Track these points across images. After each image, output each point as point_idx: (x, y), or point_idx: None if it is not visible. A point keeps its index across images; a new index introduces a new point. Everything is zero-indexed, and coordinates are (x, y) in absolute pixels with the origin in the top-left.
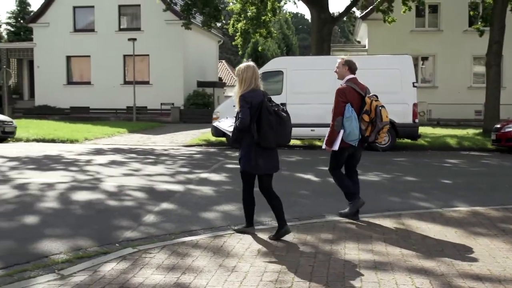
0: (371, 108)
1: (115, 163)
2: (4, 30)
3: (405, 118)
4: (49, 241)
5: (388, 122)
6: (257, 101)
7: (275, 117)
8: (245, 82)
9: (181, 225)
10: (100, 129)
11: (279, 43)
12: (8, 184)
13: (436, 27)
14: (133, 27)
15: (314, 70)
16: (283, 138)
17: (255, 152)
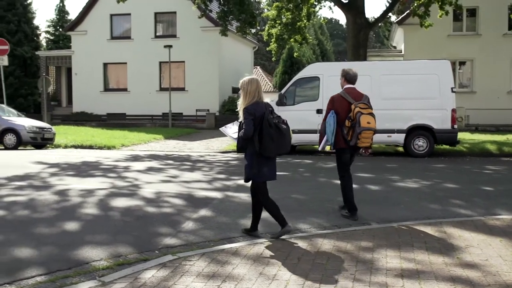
0: (353, 114)
1: (152, 170)
2: (43, 38)
3: (443, 124)
4: (89, 247)
5: (368, 128)
6: (260, 113)
7: (275, 129)
8: (249, 95)
9: (220, 232)
10: (137, 135)
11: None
12: (49, 190)
13: (474, 31)
14: (169, 34)
15: None
16: (283, 148)
17: (258, 161)
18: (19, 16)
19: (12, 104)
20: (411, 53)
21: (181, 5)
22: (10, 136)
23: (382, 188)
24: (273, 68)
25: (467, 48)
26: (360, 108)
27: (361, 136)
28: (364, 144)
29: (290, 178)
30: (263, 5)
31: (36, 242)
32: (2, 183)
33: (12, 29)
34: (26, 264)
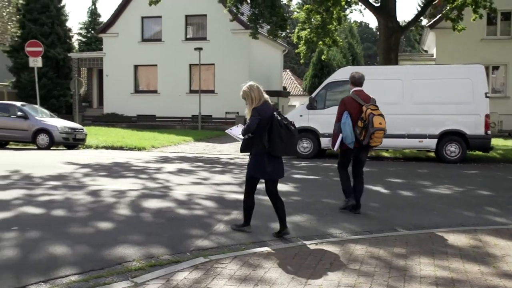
0: (365, 115)
1: (183, 172)
2: (76, 40)
3: (476, 130)
4: (122, 248)
5: (380, 128)
6: (269, 114)
7: (285, 130)
8: (255, 100)
9: (252, 235)
10: (167, 137)
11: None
12: (82, 190)
13: (509, 35)
14: (199, 36)
15: (381, 80)
16: (291, 149)
17: (266, 159)
18: (52, 18)
19: (44, 105)
20: (443, 58)
21: (211, 8)
22: (43, 136)
23: (414, 194)
24: (302, 71)
25: (501, 53)
26: (372, 110)
27: (374, 136)
28: (375, 143)
29: (321, 182)
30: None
31: (70, 241)
32: (37, 183)
33: (45, 31)
34: (61, 263)
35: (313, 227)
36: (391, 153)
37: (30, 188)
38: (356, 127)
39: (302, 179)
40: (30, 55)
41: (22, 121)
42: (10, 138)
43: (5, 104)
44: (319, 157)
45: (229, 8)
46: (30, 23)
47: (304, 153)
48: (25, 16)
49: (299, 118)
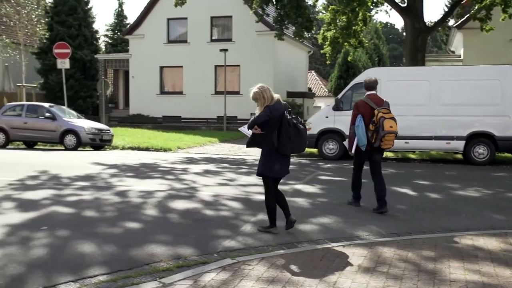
0: (376, 118)
1: (209, 173)
2: (102, 42)
3: (505, 131)
4: (149, 248)
5: (391, 131)
6: (280, 112)
7: (293, 129)
8: (268, 99)
9: (278, 236)
10: (192, 138)
11: (371, 53)
12: (110, 190)
13: None
14: (224, 38)
15: (408, 81)
16: (299, 147)
17: (274, 157)
18: (79, 20)
19: (71, 106)
20: (470, 58)
21: (237, 9)
22: (70, 137)
23: (442, 197)
24: (327, 73)
25: None
26: (383, 113)
27: (384, 139)
28: (386, 146)
29: (347, 184)
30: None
31: (99, 241)
32: (65, 183)
33: (73, 33)
34: (89, 263)
35: (340, 229)
36: (417, 155)
37: (59, 188)
38: (368, 130)
39: (328, 181)
40: (58, 57)
41: (50, 122)
42: (38, 139)
43: (33, 105)
44: (345, 158)
45: (255, 9)
46: (58, 25)
47: (330, 154)
48: (53, 19)
49: (325, 119)
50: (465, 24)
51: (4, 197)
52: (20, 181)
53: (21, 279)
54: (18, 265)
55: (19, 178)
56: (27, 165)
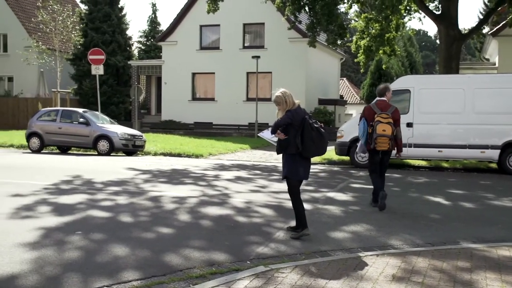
0: (373, 122)
1: (241, 179)
2: (135, 48)
3: None
4: (183, 254)
5: (382, 135)
6: (301, 117)
7: (316, 132)
8: (290, 104)
9: (311, 244)
10: (224, 144)
11: (403, 60)
12: (143, 196)
13: None
14: (256, 45)
15: (442, 89)
16: (321, 150)
17: (295, 161)
18: (113, 27)
19: (104, 111)
20: (506, 66)
21: (269, 16)
22: (103, 143)
23: (477, 206)
24: (359, 80)
25: None
26: (381, 118)
27: (377, 141)
28: (380, 147)
29: None
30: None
31: (133, 246)
32: (98, 188)
33: (107, 39)
34: (123, 267)
35: (373, 237)
36: (450, 164)
37: (92, 193)
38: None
39: (360, 189)
40: (93, 63)
41: (84, 127)
42: (72, 144)
43: (68, 111)
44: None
45: (287, 16)
46: (92, 32)
47: (362, 162)
48: (87, 25)
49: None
50: (501, 31)
51: (40, 201)
52: (55, 186)
53: (57, 281)
54: (54, 268)
55: (54, 183)
56: (61, 170)
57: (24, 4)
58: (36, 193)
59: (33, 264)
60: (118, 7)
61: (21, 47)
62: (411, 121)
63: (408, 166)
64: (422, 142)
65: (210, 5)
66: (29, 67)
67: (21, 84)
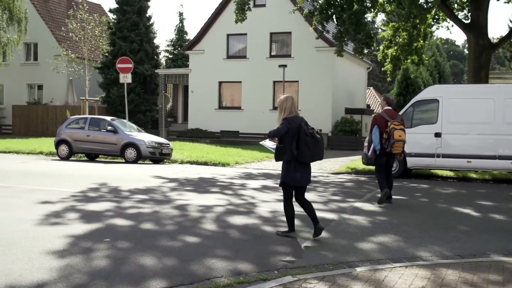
0: (389, 129)
1: (267, 188)
2: (163, 57)
3: None
4: (210, 263)
5: (399, 140)
6: (296, 124)
7: (311, 138)
8: (286, 110)
9: (338, 255)
10: (250, 153)
11: (431, 70)
12: (169, 204)
13: None
14: (283, 54)
15: (472, 99)
16: (317, 156)
17: (294, 166)
18: (141, 36)
19: (131, 119)
20: None
21: (296, 25)
22: (130, 150)
23: (507, 218)
24: (386, 89)
25: None
26: (394, 125)
27: (394, 145)
28: (396, 151)
29: (407, 203)
30: (377, 25)
31: (159, 254)
32: (125, 196)
33: (134, 48)
34: (151, 276)
35: (402, 248)
36: (479, 175)
37: (119, 201)
38: (382, 138)
39: None
40: (121, 71)
41: (112, 135)
42: (100, 152)
43: (96, 119)
44: (405, 176)
45: (314, 26)
46: (120, 41)
47: None
48: (115, 34)
49: None
50: None
51: (68, 208)
52: (83, 193)
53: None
54: (82, 275)
55: (82, 190)
56: (89, 177)
57: (54, 14)
58: (64, 200)
59: (62, 271)
60: (146, 16)
61: (51, 56)
62: (440, 131)
63: (435, 177)
64: (451, 153)
65: (238, 15)
66: (58, 76)
67: (50, 92)
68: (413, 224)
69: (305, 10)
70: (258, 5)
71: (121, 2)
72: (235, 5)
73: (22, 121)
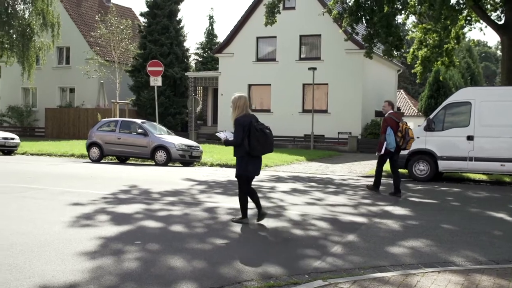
0: (402, 129)
1: (296, 191)
2: (192, 60)
3: None
4: (240, 266)
5: (413, 137)
6: (247, 122)
7: (261, 133)
8: (238, 108)
9: (369, 259)
10: (279, 156)
11: (463, 72)
12: (199, 207)
13: None
14: (313, 56)
15: (505, 101)
16: (267, 149)
17: (246, 160)
18: (171, 39)
19: (161, 122)
20: None
21: (326, 28)
22: (161, 153)
23: None
24: (416, 92)
25: None
26: (406, 126)
27: (409, 143)
28: (409, 147)
29: (439, 207)
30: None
31: (189, 257)
32: (155, 198)
33: (165, 51)
34: (181, 278)
35: (434, 253)
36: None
37: (149, 203)
38: (397, 137)
39: (418, 203)
40: (151, 74)
41: (142, 138)
42: (130, 154)
43: (127, 121)
44: (436, 180)
45: (344, 28)
46: (150, 44)
47: (420, 175)
48: (146, 38)
49: (416, 140)
50: None
51: (99, 210)
52: (113, 195)
53: None
54: (113, 277)
55: (112, 192)
56: (119, 179)
57: (86, 18)
58: (95, 202)
59: (93, 272)
60: (176, 19)
61: (82, 60)
62: (472, 134)
63: (467, 180)
64: (484, 156)
65: (267, 18)
66: (89, 79)
67: (81, 95)
68: (445, 228)
69: (334, 11)
70: (288, 8)
71: (152, 5)
72: (265, 8)
73: (55, 124)
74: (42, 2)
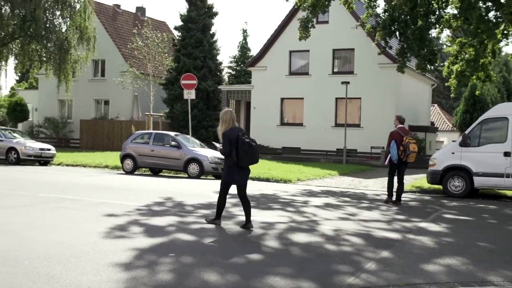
0: (404, 143)
1: (329, 206)
2: (225, 73)
3: None
4: (273, 281)
5: (413, 151)
6: (235, 135)
7: (247, 146)
8: (225, 123)
9: (404, 276)
10: (311, 170)
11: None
12: (232, 220)
13: None
14: (345, 70)
15: None
16: (253, 160)
17: (234, 170)
18: (205, 52)
19: (194, 135)
20: None
21: (359, 42)
22: (194, 166)
23: None
24: (450, 106)
25: None
26: (409, 140)
27: (410, 156)
28: (410, 160)
29: (475, 224)
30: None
31: (223, 271)
32: (188, 210)
33: (198, 64)
34: None
35: (470, 272)
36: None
37: (183, 216)
38: (399, 150)
39: (454, 220)
40: (185, 87)
41: (175, 150)
42: (163, 166)
43: (160, 134)
44: (471, 196)
45: (377, 42)
46: (184, 57)
47: (455, 192)
48: (180, 51)
49: (451, 155)
50: None
51: (132, 221)
52: (147, 207)
53: None
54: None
55: (146, 204)
56: (153, 192)
57: (121, 31)
58: (129, 213)
59: (128, 283)
60: (210, 33)
61: (117, 72)
62: (509, 150)
63: (504, 197)
64: None
65: (301, 32)
66: (124, 91)
67: (116, 108)
68: (482, 246)
69: (367, 25)
70: (321, 22)
71: (186, 19)
72: (299, 22)
73: (89, 135)
74: (80, 17)
